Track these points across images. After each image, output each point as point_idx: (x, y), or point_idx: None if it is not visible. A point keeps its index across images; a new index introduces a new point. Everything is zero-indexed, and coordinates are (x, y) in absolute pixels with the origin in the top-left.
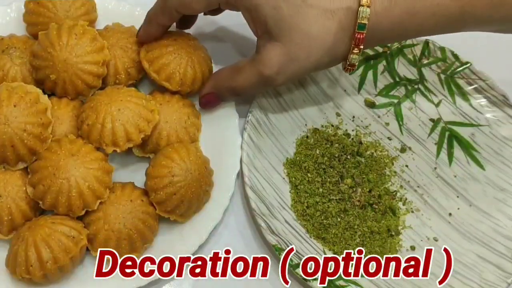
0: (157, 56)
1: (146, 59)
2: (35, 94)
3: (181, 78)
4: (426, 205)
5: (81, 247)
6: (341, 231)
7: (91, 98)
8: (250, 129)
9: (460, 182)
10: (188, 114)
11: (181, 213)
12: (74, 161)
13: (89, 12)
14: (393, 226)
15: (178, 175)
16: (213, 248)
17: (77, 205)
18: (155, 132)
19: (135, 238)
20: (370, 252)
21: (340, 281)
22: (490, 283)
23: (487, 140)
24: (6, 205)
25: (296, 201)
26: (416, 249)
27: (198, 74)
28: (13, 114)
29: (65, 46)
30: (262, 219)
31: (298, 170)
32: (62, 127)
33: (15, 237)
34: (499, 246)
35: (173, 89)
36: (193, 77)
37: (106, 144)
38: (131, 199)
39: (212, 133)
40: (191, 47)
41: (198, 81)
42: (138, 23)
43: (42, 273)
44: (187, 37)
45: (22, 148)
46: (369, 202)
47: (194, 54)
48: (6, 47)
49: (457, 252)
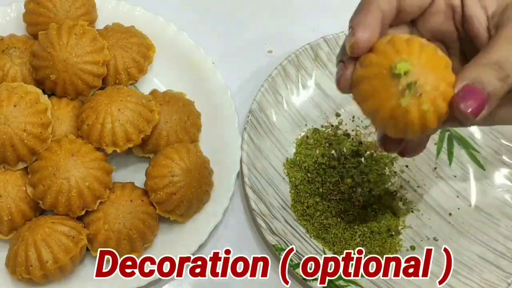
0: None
1: None
2: (35, 94)
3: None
4: (426, 205)
5: (81, 247)
6: (341, 231)
7: (91, 98)
8: (250, 129)
9: (460, 182)
10: (188, 114)
11: (181, 213)
12: (74, 161)
13: (89, 12)
14: (393, 226)
15: (178, 175)
16: (213, 248)
17: (77, 205)
18: (155, 132)
19: (135, 238)
20: (370, 252)
21: (340, 281)
22: (490, 283)
23: (487, 140)
24: (6, 205)
25: (296, 201)
26: (416, 249)
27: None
28: (13, 114)
29: (65, 46)
30: (262, 219)
31: (298, 170)
32: (62, 127)
33: (15, 237)
34: (499, 246)
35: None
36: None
37: (106, 144)
38: (131, 199)
39: (212, 133)
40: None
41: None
42: (138, 23)
43: (42, 273)
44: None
45: (22, 148)
46: (369, 202)
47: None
48: (6, 47)
49: (457, 252)
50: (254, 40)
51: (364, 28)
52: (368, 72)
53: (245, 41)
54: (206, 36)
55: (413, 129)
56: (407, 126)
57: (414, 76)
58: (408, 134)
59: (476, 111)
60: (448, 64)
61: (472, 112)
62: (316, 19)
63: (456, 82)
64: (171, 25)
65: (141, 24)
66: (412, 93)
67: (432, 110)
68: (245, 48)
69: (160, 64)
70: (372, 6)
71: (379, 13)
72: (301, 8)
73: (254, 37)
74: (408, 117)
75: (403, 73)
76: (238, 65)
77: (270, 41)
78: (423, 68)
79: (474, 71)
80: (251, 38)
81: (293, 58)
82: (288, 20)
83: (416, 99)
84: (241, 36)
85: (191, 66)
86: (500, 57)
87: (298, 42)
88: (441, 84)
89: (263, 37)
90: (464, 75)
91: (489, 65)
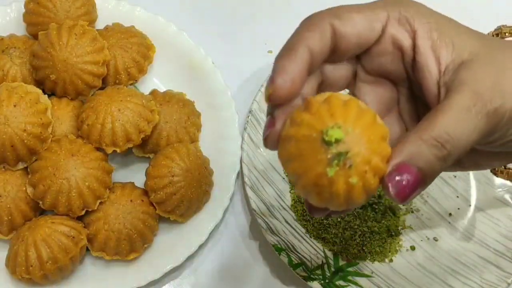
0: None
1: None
2: (35, 94)
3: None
4: (426, 205)
5: (81, 247)
6: (341, 231)
7: (91, 98)
8: (250, 129)
9: (460, 182)
10: (188, 114)
11: (181, 213)
12: (74, 161)
13: (89, 12)
14: (393, 226)
15: (178, 175)
16: (213, 248)
17: (77, 205)
18: (155, 132)
19: (135, 238)
20: (370, 252)
21: (340, 281)
22: (490, 283)
23: None
24: (6, 205)
25: (296, 201)
26: (416, 249)
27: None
28: (13, 114)
29: (65, 46)
30: (262, 219)
31: None
32: (62, 127)
33: (15, 237)
34: (499, 246)
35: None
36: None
37: (106, 144)
38: (131, 199)
39: (212, 133)
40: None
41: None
42: (138, 23)
43: (42, 273)
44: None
45: (22, 148)
46: (369, 202)
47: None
48: (6, 47)
49: (457, 252)
50: (254, 40)
51: (285, 75)
52: (297, 133)
53: (245, 41)
54: (206, 36)
55: (338, 202)
56: (331, 197)
57: (346, 145)
58: (332, 205)
59: (407, 194)
60: (386, 135)
61: (402, 196)
62: None
63: (392, 157)
64: (171, 25)
65: (141, 24)
66: (341, 163)
67: (361, 184)
68: (245, 48)
69: (160, 64)
70: (299, 46)
71: (306, 55)
72: (301, 8)
73: (254, 37)
74: (334, 188)
75: (333, 141)
76: (238, 65)
77: (270, 41)
78: (357, 137)
79: (413, 147)
80: (251, 38)
81: None
82: (288, 20)
83: (344, 171)
84: (241, 36)
85: (191, 66)
86: (443, 133)
87: None
88: (374, 157)
89: (263, 37)
90: (402, 149)
91: (430, 141)
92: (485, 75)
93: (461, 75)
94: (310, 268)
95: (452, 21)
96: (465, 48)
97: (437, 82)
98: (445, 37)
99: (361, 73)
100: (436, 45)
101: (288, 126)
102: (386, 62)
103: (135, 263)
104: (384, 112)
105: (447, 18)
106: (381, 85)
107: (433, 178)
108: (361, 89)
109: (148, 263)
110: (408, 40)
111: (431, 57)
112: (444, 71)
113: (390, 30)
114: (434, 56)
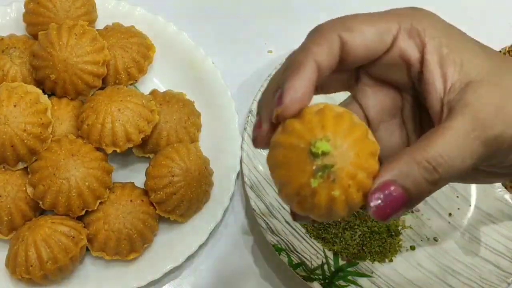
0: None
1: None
2: (35, 94)
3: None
4: (426, 205)
5: (81, 247)
6: (341, 231)
7: (91, 98)
8: (250, 129)
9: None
10: (188, 114)
11: (181, 213)
12: (74, 161)
13: (89, 12)
14: (393, 226)
15: (178, 175)
16: (213, 248)
17: (77, 205)
18: (155, 132)
19: (135, 238)
20: (370, 252)
21: (340, 281)
22: (490, 283)
23: None
24: (6, 205)
25: None
26: (416, 249)
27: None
28: (13, 114)
29: (65, 46)
30: (262, 219)
31: None
32: (62, 127)
33: (15, 237)
34: (499, 246)
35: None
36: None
37: (106, 144)
38: (131, 199)
39: (212, 133)
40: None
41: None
42: (138, 23)
43: (42, 273)
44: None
45: (22, 148)
46: None
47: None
48: (6, 47)
49: (457, 252)
50: (254, 40)
51: (294, 93)
52: (286, 141)
53: (245, 41)
54: (206, 36)
55: (319, 213)
56: (313, 208)
57: (332, 159)
58: (313, 215)
59: (387, 214)
60: (376, 151)
61: (381, 214)
62: (316, 19)
63: (380, 174)
64: (171, 25)
65: (141, 24)
66: (325, 176)
67: (343, 199)
68: (245, 48)
69: (160, 64)
70: (307, 62)
71: (314, 71)
72: (301, 8)
73: (254, 37)
74: (315, 199)
75: (320, 153)
76: (238, 65)
77: (270, 41)
78: (344, 151)
79: (404, 166)
80: (251, 38)
81: None
82: (288, 20)
83: (328, 183)
84: (241, 36)
85: (191, 66)
86: (437, 156)
87: (298, 42)
88: (360, 173)
89: (263, 37)
90: (392, 167)
91: (422, 162)
92: (490, 100)
93: (466, 96)
94: (310, 268)
95: (464, 36)
96: (474, 68)
97: (441, 100)
98: (455, 54)
99: (364, 77)
100: (444, 62)
101: (279, 133)
102: (392, 71)
103: (135, 263)
104: (386, 118)
105: (460, 33)
106: (385, 91)
107: (420, 200)
108: (364, 93)
109: (148, 263)
110: (417, 53)
111: (438, 73)
112: (449, 89)
113: (399, 43)
114: (441, 73)
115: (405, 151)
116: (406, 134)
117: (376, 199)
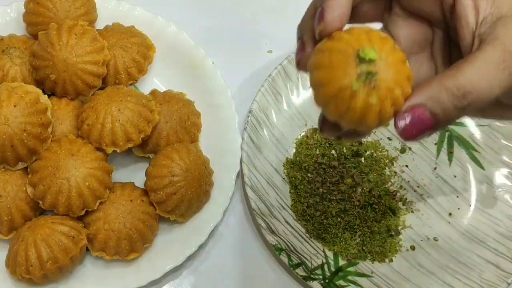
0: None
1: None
2: (35, 94)
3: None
4: (426, 205)
5: (81, 247)
6: (341, 231)
7: (91, 98)
8: (250, 129)
9: (460, 182)
10: (188, 114)
11: (181, 213)
12: (74, 161)
13: (89, 12)
14: (393, 226)
15: (178, 175)
16: (213, 248)
17: (77, 205)
18: (155, 132)
19: (135, 238)
20: (370, 252)
21: (340, 281)
22: (490, 283)
23: (487, 140)
24: (6, 205)
25: (296, 201)
26: (416, 249)
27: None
28: (13, 114)
29: (65, 46)
30: (262, 219)
31: (298, 170)
32: (62, 127)
33: (15, 237)
34: (499, 246)
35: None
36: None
37: (106, 144)
38: (131, 199)
39: (212, 133)
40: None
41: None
42: (138, 23)
43: (42, 273)
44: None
45: (22, 148)
46: (369, 202)
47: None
48: (6, 47)
49: (457, 252)
50: (254, 40)
51: (335, 10)
52: (334, 45)
53: (245, 41)
54: (206, 36)
55: (353, 117)
56: (347, 111)
57: (376, 68)
58: (345, 120)
59: (413, 135)
60: (411, 77)
61: (408, 135)
62: None
63: (412, 95)
64: (171, 25)
65: (141, 24)
66: (367, 81)
67: (377, 109)
68: (245, 48)
69: (160, 64)
70: None
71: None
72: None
73: (254, 37)
74: (352, 102)
75: (367, 59)
76: (238, 65)
77: (270, 41)
78: (387, 66)
79: (434, 91)
80: (251, 38)
81: (293, 58)
82: (288, 20)
83: (368, 89)
84: (241, 36)
85: (191, 66)
86: (467, 84)
87: None
88: (397, 89)
89: (263, 37)
90: (422, 91)
91: (452, 89)
92: None
93: (497, 30)
94: (310, 268)
95: None
96: (506, 3)
97: (472, 33)
98: None
99: (396, 7)
100: None
101: (325, 41)
102: (424, 3)
103: (135, 263)
104: (416, 50)
105: None
106: (416, 23)
107: (446, 125)
108: (395, 23)
109: (148, 263)
110: None
111: (470, 7)
112: (481, 22)
113: None
114: (474, 6)
115: (436, 77)
116: (435, 68)
117: (404, 119)
